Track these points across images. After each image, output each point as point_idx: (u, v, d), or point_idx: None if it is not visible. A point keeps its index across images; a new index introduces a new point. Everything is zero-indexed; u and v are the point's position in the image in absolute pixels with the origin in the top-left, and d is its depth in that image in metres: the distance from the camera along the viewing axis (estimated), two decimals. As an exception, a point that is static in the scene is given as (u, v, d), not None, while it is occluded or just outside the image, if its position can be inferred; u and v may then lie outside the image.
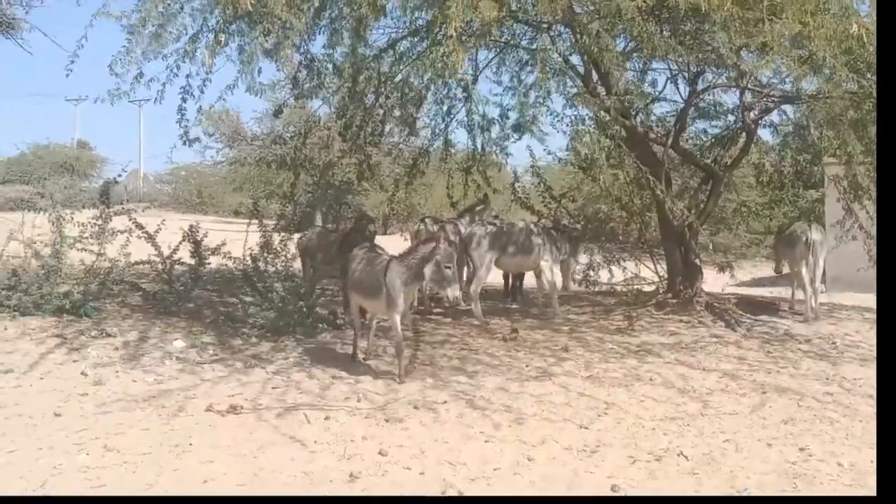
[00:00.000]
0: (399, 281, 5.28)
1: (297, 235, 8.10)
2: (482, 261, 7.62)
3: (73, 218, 6.90)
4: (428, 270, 5.17)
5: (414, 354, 6.00)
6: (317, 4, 6.26)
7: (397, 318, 5.35)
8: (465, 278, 7.73)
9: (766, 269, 11.57)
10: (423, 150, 9.61)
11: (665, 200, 7.30)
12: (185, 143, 6.45)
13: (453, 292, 5.16)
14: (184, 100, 6.38)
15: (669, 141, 8.09)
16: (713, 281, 9.36)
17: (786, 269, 8.30)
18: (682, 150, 8.70)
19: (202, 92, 6.13)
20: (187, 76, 6.05)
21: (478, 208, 8.75)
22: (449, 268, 5.15)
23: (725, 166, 8.55)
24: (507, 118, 8.07)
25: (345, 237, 7.54)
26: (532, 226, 7.90)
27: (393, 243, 7.39)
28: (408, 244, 7.14)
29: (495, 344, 6.59)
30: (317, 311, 6.89)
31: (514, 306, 8.32)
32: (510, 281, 8.67)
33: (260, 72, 6.32)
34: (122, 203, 7.40)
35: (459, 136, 44.72)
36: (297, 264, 7.55)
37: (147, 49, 5.61)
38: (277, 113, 8.77)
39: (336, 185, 17.28)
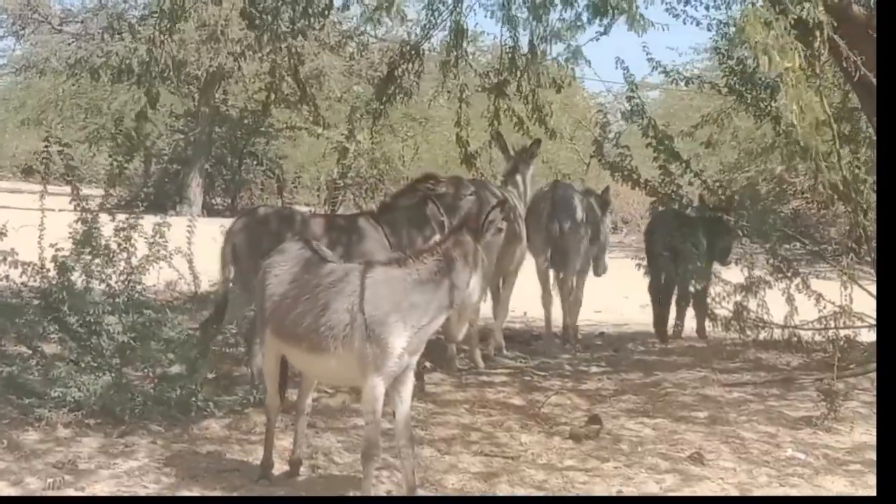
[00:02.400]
0: (397, 311, 5.28)
1: (156, 219, 8.07)
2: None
3: None
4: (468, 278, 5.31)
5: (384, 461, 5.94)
6: None
7: (380, 389, 5.27)
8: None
9: None
10: (411, 47, 9.74)
11: None
12: None
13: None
14: None
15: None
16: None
17: None
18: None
19: None
20: None
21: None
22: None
23: None
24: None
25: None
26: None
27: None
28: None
29: (555, 445, 6.59)
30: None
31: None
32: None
33: None
34: None
35: (484, 23, 45.21)
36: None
37: None
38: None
39: (234, 118, 17.39)
